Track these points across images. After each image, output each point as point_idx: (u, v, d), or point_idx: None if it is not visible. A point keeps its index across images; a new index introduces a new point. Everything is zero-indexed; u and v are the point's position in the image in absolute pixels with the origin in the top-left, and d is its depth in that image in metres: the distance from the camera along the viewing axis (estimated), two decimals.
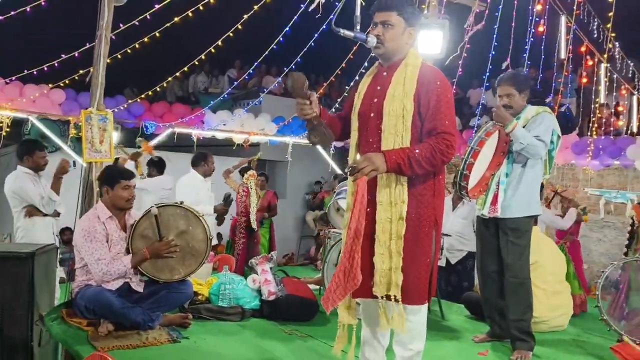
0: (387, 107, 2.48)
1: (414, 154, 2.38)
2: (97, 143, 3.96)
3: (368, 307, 2.66)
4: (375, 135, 2.52)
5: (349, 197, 2.62)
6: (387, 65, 2.60)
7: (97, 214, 3.57)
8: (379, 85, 2.58)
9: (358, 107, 2.62)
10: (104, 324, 3.36)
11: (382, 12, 2.52)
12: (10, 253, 3.62)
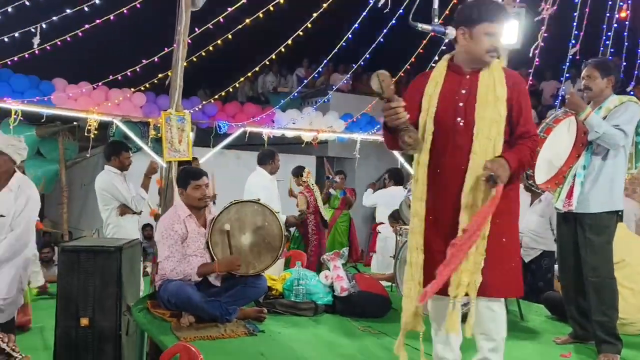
0: (481, 112, 2.47)
1: (524, 158, 2.44)
2: (176, 143, 4.15)
3: (440, 307, 2.63)
4: (465, 140, 2.49)
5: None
6: (470, 67, 2.57)
7: (178, 213, 3.75)
8: (463, 88, 2.55)
9: (434, 110, 2.55)
10: (185, 316, 3.52)
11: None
12: (101, 247, 3.88)
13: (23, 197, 4.01)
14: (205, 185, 3.79)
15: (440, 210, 2.55)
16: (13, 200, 3.97)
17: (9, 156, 4.02)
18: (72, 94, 7.25)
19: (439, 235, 2.53)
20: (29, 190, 4.10)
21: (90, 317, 3.80)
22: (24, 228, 4.00)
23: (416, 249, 2.58)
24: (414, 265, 2.58)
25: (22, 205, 3.99)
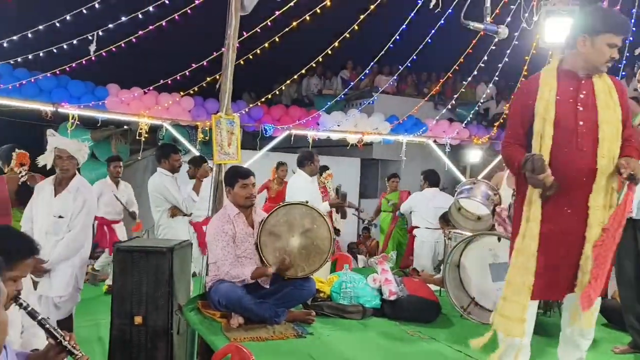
0: (605, 116, 2.57)
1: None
2: (226, 145, 4.21)
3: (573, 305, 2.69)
4: (588, 143, 2.57)
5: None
6: (584, 73, 2.64)
7: (227, 212, 3.80)
8: (580, 92, 2.61)
9: (552, 115, 2.59)
10: (235, 317, 3.56)
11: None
12: (153, 248, 3.97)
13: (80, 200, 4.17)
14: (252, 185, 3.82)
15: (559, 212, 2.59)
16: (71, 202, 4.14)
17: (77, 160, 4.21)
18: (125, 99, 7.49)
19: (558, 240, 2.57)
20: (87, 193, 4.27)
21: (143, 316, 3.88)
22: (80, 229, 4.16)
23: (531, 254, 2.57)
24: (524, 270, 2.58)
25: (80, 207, 4.15)
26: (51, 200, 4.12)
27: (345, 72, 13.65)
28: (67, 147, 4.17)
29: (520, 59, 7.41)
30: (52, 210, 4.07)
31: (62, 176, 4.19)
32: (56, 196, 4.15)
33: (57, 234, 4.05)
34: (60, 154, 4.13)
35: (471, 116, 10.08)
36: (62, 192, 4.16)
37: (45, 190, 4.21)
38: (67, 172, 4.18)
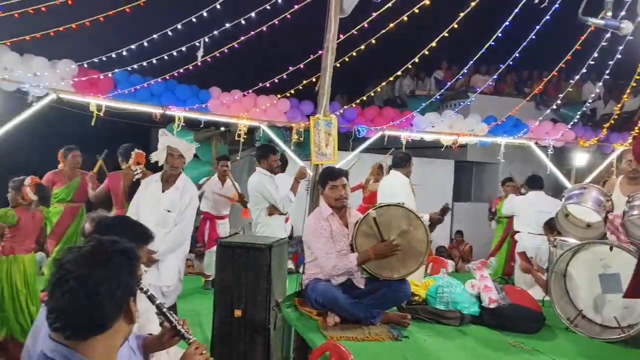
0: None
1: None
2: (323, 146, 4.27)
3: None
4: None
5: None
6: None
7: (321, 211, 3.86)
8: None
9: None
10: (331, 315, 3.61)
11: None
12: (253, 245, 4.12)
13: (187, 196, 4.43)
14: (343, 186, 3.83)
15: None
16: (179, 198, 4.40)
17: (185, 159, 4.49)
18: (225, 101, 7.83)
19: None
20: (192, 189, 4.54)
21: (243, 309, 4.05)
22: (186, 223, 4.42)
23: None
24: None
25: (186, 204, 4.42)
26: (160, 195, 4.41)
27: (439, 72, 13.36)
28: (179, 146, 4.46)
29: (633, 56, 6.84)
30: (160, 205, 4.35)
31: (170, 173, 4.46)
32: (164, 192, 4.43)
33: (165, 227, 4.31)
34: (172, 152, 4.42)
35: (577, 117, 9.45)
36: (170, 189, 4.43)
37: (152, 186, 4.50)
38: (176, 170, 4.46)
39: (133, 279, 1.55)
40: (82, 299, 1.41)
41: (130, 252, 1.56)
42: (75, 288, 1.41)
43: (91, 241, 1.56)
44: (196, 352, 2.12)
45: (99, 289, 1.43)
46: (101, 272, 1.46)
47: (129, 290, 1.52)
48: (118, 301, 1.48)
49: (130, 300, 1.53)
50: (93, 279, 1.43)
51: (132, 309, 1.52)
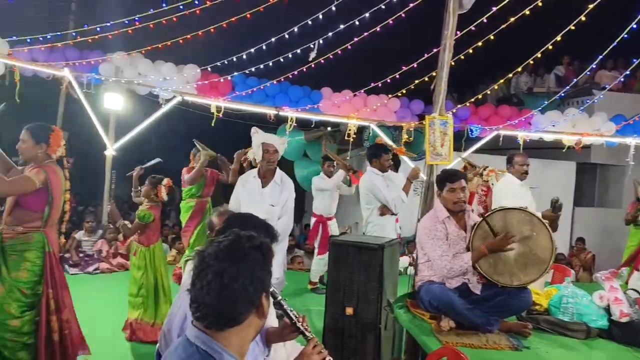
0: None
1: None
2: (438, 146, 4.19)
3: None
4: None
5: None
6: None
7: (437, 214, 3.77)
8: None
9: None
10: (445, 319, 3.52)
11: None
12: (366, 244, 4.15)
13: (287, 190, 4.62)
14: (462, 189, 3.71)
15: None
16: (279, 192, 4.58)
17: (279, 154, 4.64)
18: (336, 102, 7.96)
19: None
20: (289, 183, 4.72)
21: (354, 308, 4.08)
22: (289, 215, 4.59)
23: None
24: None
25: (287, 197, 4.59)
26: (262, 191, 4.60)
27: (560, 68, 12.50)
28: (272, 141, 4.62)
29: None
30: (264, 200, 4.53)
31: (266, 168, 4.63)
32: (264, 187, 4.61)
33: (272, 221, 4.48)
34: (268, 148, 4.60)
35: None
36: (270, 184, 4.62)
37: (250, 182, 4.69)
38: (272, 165, 4.63)
39: (266, 275, 1.58)
40: (218, 293, 1.47)
41: (265, 248, 1.58)
42: (213, 281, 1.47)
43: (230, 235, 1.61)
44: (314, 351, 2.15)
45: (234, 283, 1.47)
46: (237, 267, 1.49)
47: (262, 285, 1.55)
48: (251, 296, 1.51)
49: (263, 296, 1.56)
50: (229, 274, 1.48)
51: (264, 304, 1.56)
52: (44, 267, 3.56)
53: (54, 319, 3.57)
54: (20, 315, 3.49)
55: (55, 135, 3.68)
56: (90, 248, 8.16)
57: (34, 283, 3.54)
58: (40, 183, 3.49)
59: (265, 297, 1.57)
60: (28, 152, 3.61)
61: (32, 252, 3.53)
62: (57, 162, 3.74)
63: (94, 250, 8.08)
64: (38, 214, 3.55)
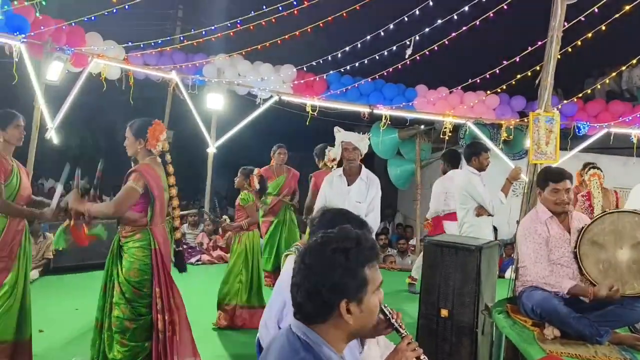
0: None
1: None
2: (543, 144, 3.96)
3: None
4: None
5: None
6: None
7: (538, 214, 3.57)
8: None
9: None
10: (549, 327, 3.33)
11: None
12: (462, 245, 4.03)
13: (374, 187, 4.57)
14: (566, 190, 3.48)
15: None
16: (366, 189, 4.55)
17: (360, 151, 4.60)
18: (432, 99, 7.79)
19: None
20: (376, 180, 4.67)
21: (449, 310, 3.98)
22: (376, 212, 4.55)
23: None
24: None
25: (373, 194, 4.55)
26: (347, 189, 4.60)
27: None
28: (351, 139, 4.58)
29: None
30: (351, 197, 4.53)
31: (349, 166, 4.61)
32: (350, 185, 4.61)
33: None
34: (347, 146, 4.58)
35: None
36: (356, 181, 4.60)
37: (336, 180, 4.70)
38: (353, 162, 4.60)
39: (350, 280, 1.49)
40: (300, 287, 1.52)
41: (351, 253, 1.51)
42: (299, 275, 1.53)
43: (320, 236, 1.60)
44: (408, 348, 2.12)
45: (309, 283, 1.49)
46: (316, 267, 1.49)
47: (342, 291, 1.48)
48: (325, 299, 1.48)
49: (343, 301, 1.48)
50: (309, 272, 1.50)
51: (343, 308, 1.48)
52: (152, 264, 3.56)
53: (160, 318, 3.54)
54: (135, 317, 3.50)
55: (153, 129, 3.63)
56: (192, 241, 8.65)
57: (146, 282, 3.55)
58: (141, 188, 3.50)
59: (349, 303, 1.49)
60: (130, 148, 3.67)
61: (138, 249, 3.55)
62: (160, 156, 3.74)
63: (195, 243, 8.56)
64: (142, 213, 3.59)
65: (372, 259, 1.52)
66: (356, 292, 1.49)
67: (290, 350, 1.49)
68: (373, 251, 1.54)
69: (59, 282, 3.99)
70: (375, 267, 1.54)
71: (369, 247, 1.53)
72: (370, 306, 1.50)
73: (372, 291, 1.51)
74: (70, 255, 6.58)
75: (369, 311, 1.51)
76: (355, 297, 1.49)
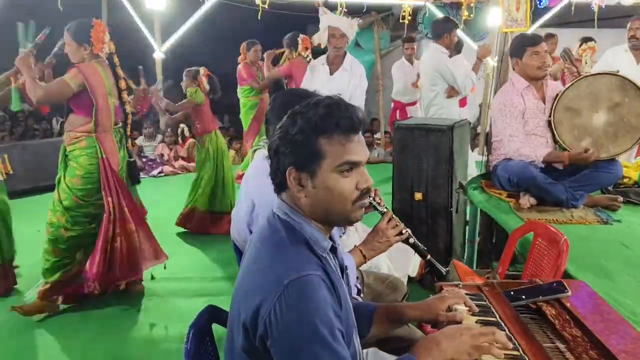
0: None
1: None
2: (514, 10, 3.74)
3: None
4: None
5: None
6: None
7: (515, 85, 3.44)
8: None
9: None
10: (525, 197, 3.32)
11: None
12: (434, 126, 3.90)
13: (356, 77, 4.35)
14: (545, 52, 3.34)
15: None
16: (347, 79, 4.31)
17: (347, 38, 4.30)
18: None
19: None
20: (359, 69, 4.43)
21: (423, 193, 3.94)
22: (358, 104, 4.28)
23: None
24: None
25: (356, 84, 4.33)
26: (329, 79, 4.34)
27: None
28: (340, 24, 4.24)
29: None
30: (332, 87, 4.27)
31: (334, 54, 4.33)
32: (332, 74, 4.35)
33: None
34: (334, 32, 4.24)
35: None
36: (338, 70, 4.33)
37: (319, 70, 4.43)
38: (339, 50, 4.31)
39: (296, 147, 1.29)
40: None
41: (301, 116, 1.31)
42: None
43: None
44: (389, 226, 2.01)
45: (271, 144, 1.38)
46: (276, 131, 1.36)
47: (285, 156, 1.31)
48: (276, 163, 1.34)
49: (290, 169, 1.30)
50: (274, 135, 1.37)
51: (290, 178, 1.31)
52: (100, 174, 3.44)
53: (111, 228, 3.50)
54: (70, 227, 3.43)
55: (96, 31, 3.37)
56: (152, 153, 8.32)
57: (89, 191, 3.45)
58: (76, 86, 3.30)
59: (297, 172, 1.29)
60: (74, 56, 3.40)
61: (84, 157, 3.41)
62: (107, 59, 3.52)
63: (156, 155, 8.25)
64: (87, 118, 3.40)
65: (329, 129, 1.26)
66: (304, 162, 1.27)
67: (271, 230, 1.33)
68: (331, 121, 1.26)
69: (15, 206, 3.78)
70: (340, 143, 1.27)
71: (327, 114, 1.26)
72: (328, 184, 1.27)
73: (332, 169, 1.27)
74: (22, 179, 6.37)
75: (325, 189, 1.28)
76: (303, 167, 1.27)
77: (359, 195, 1.31)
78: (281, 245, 1.28)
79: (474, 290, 1.82)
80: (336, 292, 1.27)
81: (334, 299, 1.24)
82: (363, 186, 1.31)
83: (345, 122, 1.28)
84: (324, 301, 1.19)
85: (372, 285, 2.46)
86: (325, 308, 1.18)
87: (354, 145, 1.29)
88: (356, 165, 1.30)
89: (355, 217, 1.34)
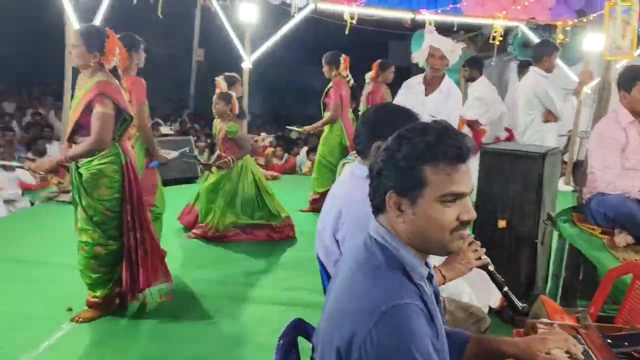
0: None
1: None
2: (619, 38, 3.55)
3: None
4: None
5: None
6: None
7: (618, 118, 3.26)
8: None
9: None
10: (620, 234, 3.12)
11: None
12: (524, 152, 3.76)
13: (452, 101, 4.29)
14: None
15: None
16: (443, 102, 4.25)
17: (448, 61, 4.25)
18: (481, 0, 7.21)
19: None
20: (456, 94, 4.37)
21: (508, 220, 3.80)
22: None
23: None
24: None
25: (451, 109, 4.25)
26: (423, 99, 4.30)
27: None
28: (441, 46, 4.19)
29: None
30: (425, 109, 4.24)
31: (431, 75, 4.28)
32: (427, 95, 4.30)
33: None
34: (434, 52, 4.19)
35: None
36: (434, 92, 4.28)
37: (415, 89, 4.40)
38: (437, 72, 4.26)
39: (400, 173, 1.28)
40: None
41: (408, 142, 1.30)
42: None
43: None
44: (469, 249, 1.98)
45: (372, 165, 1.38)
46: (380, 153, 1.36)
47: (387, 178, 1.31)
48: (377, 184, 1.35)
49: (390, 192, 1.29)
50: (377, 155, 1.38)
51: (390, 202, 1.30)
52: (123, 181, 3.29)
53: (132, 235, 3.35)
54: (105, 242, 3.32)
55: (110, 42, 3.24)
56: None
57: (117, 200, 3.30)
58: (112, 110, 3.20)
59: (398, 197, 1.28)
60: (80, 58, 3.23)
61: (109, 165, 3.26)
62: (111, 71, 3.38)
63: None
64: None
65: (436, 158, 1.23)
66: (406, 188, 1.25)
67: (368, 254, 1.32)
68: (439, 149, 1.23)
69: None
70: (446, 173, 1.24)
71: (436, 142, 1.24)
72: (429, 213, 1.24)
73: (435, 198, 1.24)
74: None
75: (426, 217, 1.25)
76: (404, 193, 1.26)
77: (458, 225, 1.28)
78: (378, 271, 1.27)
79: (570, 331, 1.73)
80: (434, 322, 1.25)
81: (433, 331, 1.22)
82: (465, 218, 1.28)
83: (454, 152, 1.25)
84: (423, 332, 1.17)
85: (455, 312, 2.41)
86: (424, 338, 1.17)
87: (460, 175, 1.26)
88: (460, 197, 1.27)
89: (454, 247, 1.32)
